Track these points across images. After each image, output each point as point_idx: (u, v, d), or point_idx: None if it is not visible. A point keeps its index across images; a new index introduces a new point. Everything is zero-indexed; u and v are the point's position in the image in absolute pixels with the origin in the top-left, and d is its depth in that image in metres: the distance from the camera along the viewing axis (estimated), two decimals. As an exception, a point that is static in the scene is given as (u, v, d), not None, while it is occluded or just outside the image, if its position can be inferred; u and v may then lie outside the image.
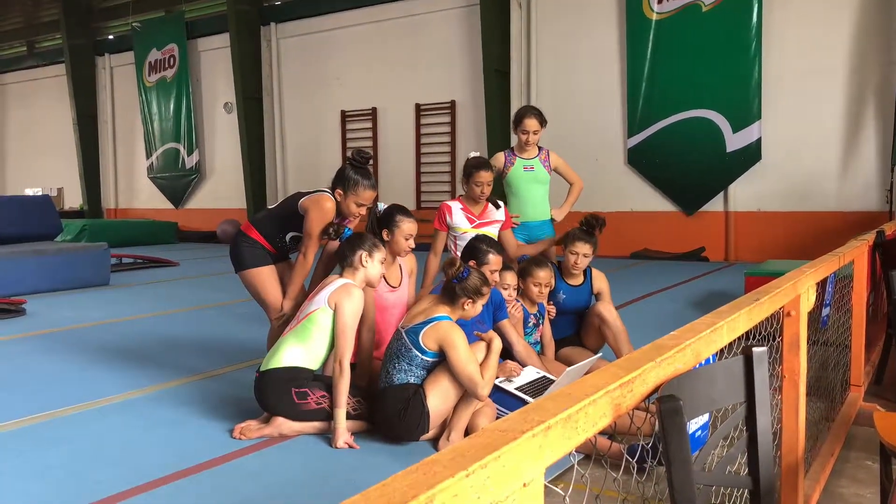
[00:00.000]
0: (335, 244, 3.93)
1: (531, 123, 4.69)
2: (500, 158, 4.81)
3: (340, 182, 3.72)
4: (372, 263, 3.46)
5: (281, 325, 3.80)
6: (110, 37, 18.05)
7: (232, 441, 3.25)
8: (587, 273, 4.33)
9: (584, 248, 4.16)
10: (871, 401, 3.77)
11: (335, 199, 3.72)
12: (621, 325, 4.08)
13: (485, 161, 4.38)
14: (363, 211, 3.78)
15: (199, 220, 16.42)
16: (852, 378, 3.76)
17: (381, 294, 3.82)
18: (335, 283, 3.38)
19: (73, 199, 18.86)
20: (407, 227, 3.76)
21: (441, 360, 3.20)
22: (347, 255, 3.45)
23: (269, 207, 3.98)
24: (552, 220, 4.85)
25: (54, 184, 19.06)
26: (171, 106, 16.65)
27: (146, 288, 8.51)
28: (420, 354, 3.19)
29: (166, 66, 16.64)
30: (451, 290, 3.23)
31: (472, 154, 4.42)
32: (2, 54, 20.64)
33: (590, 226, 4.22)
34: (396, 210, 3.80)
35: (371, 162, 3.81)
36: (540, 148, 4.84)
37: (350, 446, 3.15)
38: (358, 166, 3.73)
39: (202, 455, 3.08)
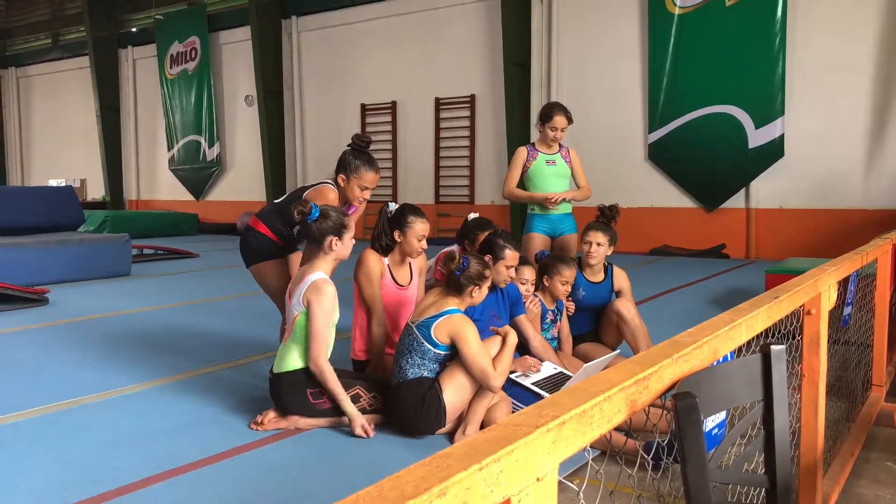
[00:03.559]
0: None
1: (561, 121, 4.71)
2: (522, 153, 4.83)
3: (343, 168, 3.71)
4: (342, 245, 3.35)
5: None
6: (133, 29, 18.21)
7: (249, 432, 3.28)
8: (608, 271, 4.30)
9: (597, 237, 4.15)
10: (892, 401, 3.73)
11: (339, 185, 3.71)
12: (639, 323, 4.05)
13: (487, 222, 4.18)
14: (367, 195, 3.74)
15: (220, 212, 16.54)
16: (874, 378, 3.71)
17: (392, 292, 3.81)
18: (307, 280, 3.28)
19: (96, 190, 19.08)
20: (419, 227, 3.72)
21: (453, 354, 3.21)
22: (317, 239, 3.32)
23: (275, 201, 3.98)
24: (548, 198, 4.71)
25: (77, 175, 19.30)
26: (193, 98, 16.77)
27: (167, 279, 8.59)
28: (432, 348, 3.19)
29: (188, 58, 16.76)
30: (455, 282, 3.23)
31: (472, 216, 4.26)
32: (27, 46, 20.90)
33: (604, 215, 4.20)
34: (408, 210, 3.75)
35: (371, 144, 3.78)
36: (561, 145, 4.85)
37: (367, 431, 3.16)
38: (359, 150, 3.71)
39: (220, 445, 3.11)
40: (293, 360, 3.33)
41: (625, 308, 4.06)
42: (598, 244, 4.16)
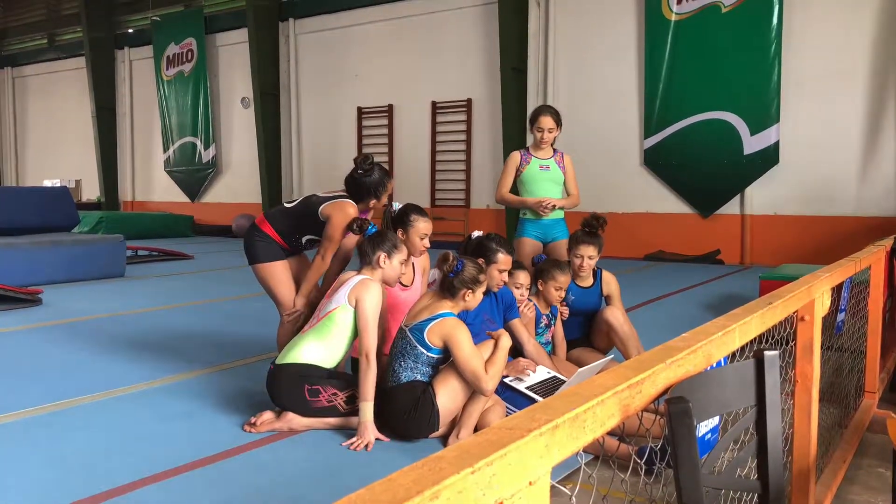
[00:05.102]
0: (350, 242, 3.95)
1: (546, 121, 4.69)
2: (515, 157, 4.82)
3: (364, 194, 3.77)
4: (390, 265, 3.47)
5: (292, 322, 3.82)
6: (130, 30, 18.18)
7: (243, 434, 3.27)
8: (597, 275, 4.30)
9: (588, 251, 4.14)
10: (885, 408, 3.74)
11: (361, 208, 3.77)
12: (629, 330, 4.03)
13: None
14: (385, 200, 3.83)
15: (215, 213, 16.52)
16: (867, 384, 3.72)
17: (394, 293, 3.81)
18: (353, 280, 3.39)
19: (91, 191, 19.03)
20: (422, 226, 3.76)
21: (446, 357, 3.21)
22: (368, 254, 3.47)
23: (287, 206, 3.94)
24: (541, 203, 4.64)
25: (72, 175, 19.23)
26: (189, 100, 16.75)
27: (161, 280, 8.57)
28: (425, 351, 3.19)
29: (184, 60, 16.74)
30: (449, 285, 3.24)
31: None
32: (23, 47, 20.85)
33: (591, 227, 4.17)
34: (411, 209, 3.80)
35: (373, 160, 3.85)
36: (555, 150, 4.84)
37: (368, 445, 3.12)
38: (367, 171, 3.77)
39: (214, 447, 3.10)
40: (301, 353, 3.33)
41: (613, 317, 4.04)
42: (590, 257, 4.15)
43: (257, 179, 15.51)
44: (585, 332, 4.34)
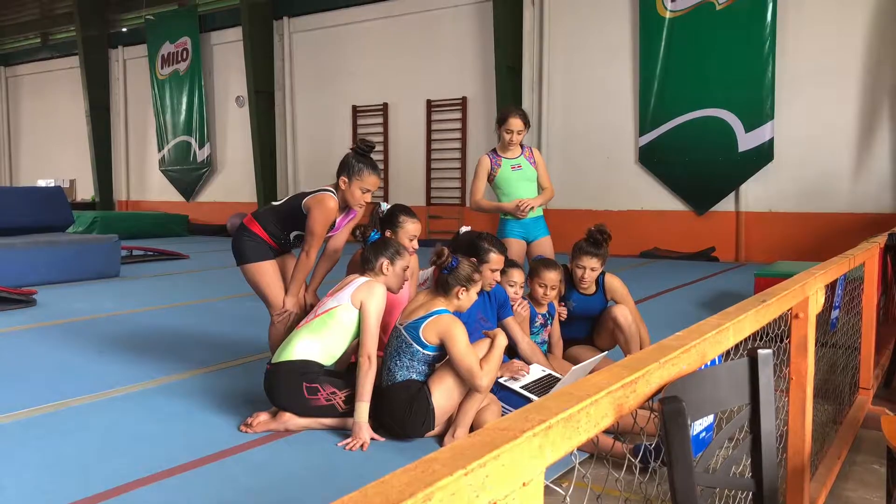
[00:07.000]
0: (339, 240, 3.93)
1: (515, 122, 4.64)
2: (485, 162, 4.76)
3: (344, 170, 3.70)
4: (393, 271, 3.47)
5: (282, 322, 3.81)
6: (124, 29, 18.13)
7: (239, 434, 3.27)
8: (599, 281, 4.21)
9: (591, 262, 4.08)
10: (879, 404, 3.75)
11: (340, 187, 3.71)
12: (635, 330, 3.96)
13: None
14: (368, 198, 3.74)
15: (210, 213, 16.49)
16: (861, 381, 3.73)
17: None
18: (357, 281, 3.40)
19: (85, 190, 18.98)
20: (410, 227, 3.74)
21: (441, 355, 3.21)
22: (370, 260, 3.47)
23: (274, 204, 3.95)
24: (518, 206, 4.61)
25: (66, 175, 19.18)
26: (184, 99, 16.71)
27: (156, 280, 8.55)
28: (421, 349, 3.19)
29: (179, 59, 16.70)
30: (443, 282, 3.24)
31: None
32: (16, 46, 20.78)
33: (595, 238, 4.11)
34: (400, 210, 3.78)
35: (374, 149, 3.78)
36: (522, 146, 4.80)
37: (363, 444, 3.11)
38: (361, 153, 3.72)
39: (209, 447, 3.10)
40: (296, 350, 3.32)
41: (622, 315, 3.98)
42: (592, 269, 4.10)
43: (252, 178, 15.49)
44: (589, 333, 4.30)
